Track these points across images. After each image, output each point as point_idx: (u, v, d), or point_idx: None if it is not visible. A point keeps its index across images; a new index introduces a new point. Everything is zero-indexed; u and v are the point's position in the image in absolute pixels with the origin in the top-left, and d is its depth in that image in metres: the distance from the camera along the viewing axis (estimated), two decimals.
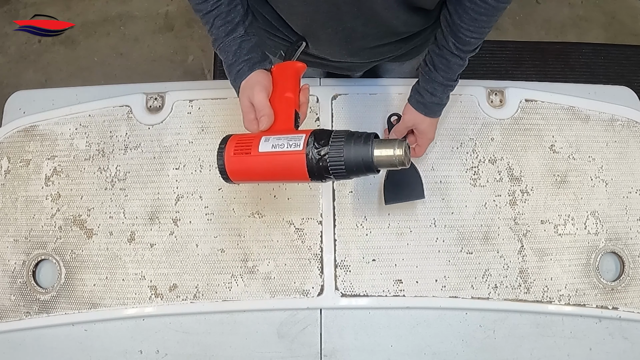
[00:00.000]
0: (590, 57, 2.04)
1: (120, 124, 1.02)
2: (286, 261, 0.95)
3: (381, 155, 0.58)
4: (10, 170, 1.01)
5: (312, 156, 0.58)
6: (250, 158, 0.61)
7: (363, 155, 0.57)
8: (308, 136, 0.58)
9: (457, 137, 1.02)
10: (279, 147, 0.59)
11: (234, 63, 0.72)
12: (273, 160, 0.60)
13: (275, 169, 0.61)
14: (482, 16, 0.73)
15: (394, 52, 0.91)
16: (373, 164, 0.58)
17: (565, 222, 0.99)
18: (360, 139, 0.58)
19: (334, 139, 0.58)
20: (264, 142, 0.60)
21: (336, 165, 0.57)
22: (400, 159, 0.58)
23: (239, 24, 0.73)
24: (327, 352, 0.92)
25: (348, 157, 0.57)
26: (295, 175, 0.60)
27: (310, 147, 0.58)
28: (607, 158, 1.02)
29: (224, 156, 0.62)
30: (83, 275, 0.95)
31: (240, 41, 0.72)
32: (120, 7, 2.15)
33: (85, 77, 2.04)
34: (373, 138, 0.58)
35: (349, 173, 0.59)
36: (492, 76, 1.08)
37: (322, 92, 1.03)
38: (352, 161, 0.57)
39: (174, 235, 0.96)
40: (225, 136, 0.65)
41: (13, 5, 2.16)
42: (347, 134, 0.58)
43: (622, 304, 0.95)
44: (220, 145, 0.64)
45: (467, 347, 0.93)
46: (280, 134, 0.62)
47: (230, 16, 0.72)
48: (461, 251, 0.96)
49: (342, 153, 0.57)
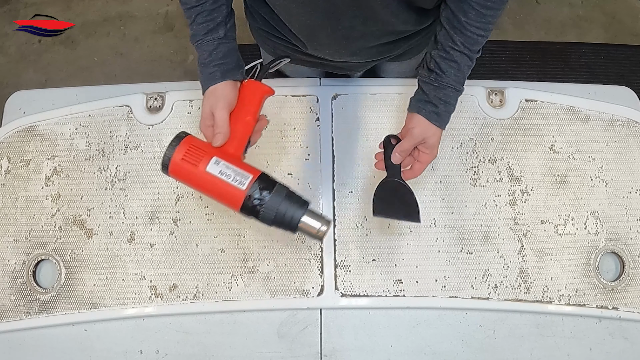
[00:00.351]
0: (590, 57, 2.04)
1: (120, 124, 1.02)
2: (286, 261, 0.95)
3: (307, 224, 0.65)
4: (10, 170, 1.01)
5: (251, 198, 0.64)
6: (196, 170, 0.64)
7: (292, 217, 0.65)
8: (254, 180, 0.65)
9: (457, 137, 1.02)
10: (225, 177, 0.64)
11: (208, 64, 0.72)
12: (215, 184, 0.64)
13: (213, 190, 0.65)
14: (489, 10, 0.71)
15: (393, 51, 0.91)
16: (296, 227, 0.65)
17: (565, 222, 0.99)
18: (296, 203, 0.65)
19: (275, 193, 0.65)
20: (213, 164, 0.64)
21: (266, 215, 0.65)
22: (321, 235, 0.66)
23: (220, 25, 0.72)
24: (327, 352, 0.92)
25: (279, 212, 0.65)
26: (227, 203, 0.66)
27: (253, 190, 0.64)
28: (607, 158, 1.02)
29: (172, 155, 0.65)
30: (83, 275, 0.95)
31: (217, 43, 0.72)
32: (120, 7, 2.15)
33: (85, 77, 2.04)
34: (307, 208, 0.66)
35: (272, 223, 0.66)
36: (492, 76, 1.07)
37: (322, 92, 1.03)
38: (281, 217, 0.65)
39: (174, 235, 0.96)
40: (182, 133, 0.67)
41: (13, 5, 2.16)
42: (287, 192, 0.66)
43: (622, 304, 0.95)
44: (173, 142, 0.66)
45: (467, 347, 0.93)
46: (230, 158, 0.66)
47: (212, 15, 0.72)
48: (461, 251, 0.96)
49: (277, 208, 0.64)
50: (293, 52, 0.94)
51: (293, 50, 0.94)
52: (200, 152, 0.65)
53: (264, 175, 0.67)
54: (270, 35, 0.93)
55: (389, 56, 0.93)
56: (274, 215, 0.65)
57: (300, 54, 0.94)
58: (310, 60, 0.97)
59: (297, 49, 0.92)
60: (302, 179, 0.99)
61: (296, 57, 0.97)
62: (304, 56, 0.95)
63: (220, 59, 0.72)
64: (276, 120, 1.02)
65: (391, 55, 0.93)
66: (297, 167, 0.99)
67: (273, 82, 1.06)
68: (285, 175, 0.99)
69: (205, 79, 0.72)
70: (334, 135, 1.01)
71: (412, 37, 0.88)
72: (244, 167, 0.66)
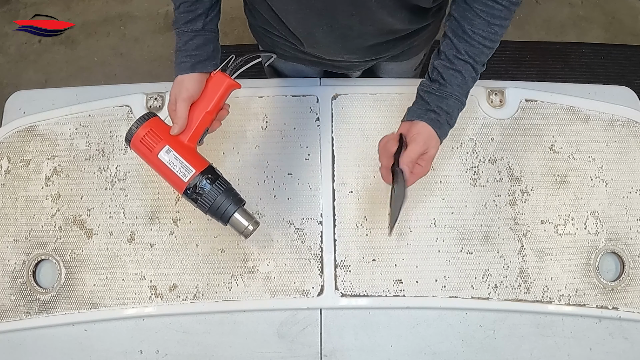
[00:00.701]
0: (590, 57, 2.04)
1: (120, 124, 1.02)
2: (286, 261, 0.95)
3: (237, 220, 0.76)
4: (10, 170, 1.01)
5: (191, 189, 0.73)
6: (149, 154, 0.73)
7: (226, 210, 0.74)
8: (196, 174, 0.73)
9: (457, 137, 1.02)
10: (172, 166, 0.73)
11: (181, 52, 0.75)
12: (163, 170, 0.74)
13: (161, 173, 0.75)
14: (496, 19, 0.69)
15: (391, 50, 0.91)
16: (227, 220, 0.75)
17: (565, 222, 0.99)
18: (232, 199, 0.75)
19: (214, 188, 0.74)
20: (164, 153, 0.73)
21: (203, 205, 0.74)
22: (248, 233, 0.76)
23: (200, 17, 0.74)
24: (327, 352, 0.92)
25: (214, 205, 0.74)
26: (173, 186, 0.75)
27: (194, 182, 0.73)
28: (607, 158, 1.02)
29: (135, 132, 0.73)
30: (83, 275, 0.95)
31: (194, 34, 0.74)
32: (120, 7, 2.15)
33: (85, 77, 2.04)
34: (242, 205, 0.76)
35: (208, 212, 0.75)
36: (492, 76, 1.07)
37: (322, 92, 1.03)
38: (215, 209, 0.74)
39: (174, 235, 0.96)
40: (149, 113, 0.75)
41: (13, 5, 2.16)
42: (225, 188, 0.74)
43: (622, 304, 0.95)
44: (139, 120, 0.73)
45: (467, 347, 0.93)
46: (182, 148, 0.74)
47: (195, 6, 0.73)
48: (461, 251, 0.96)
49: (212, 200, 0.73)
50: (291, 50, 0.94)
51: (291, 49, 0.94)
52: (156, 138, 0.73)
53: (208, 169, 0.74)
54: (268, 33, 0.93)
55: (386, 55, 0.93)
56: (209, 207, 0.74)
57: (298, 52, 0.94)
58: (308, 58, 0.97)
59: (295, 47, 0.92)
60: (302, 179, 0.99)
61: (294, 56, 0.97)
62: (302, 54, 0.95)
63: (193, 50, 0.74)
64: (276, 120, 1.02)
65: (389, 55, 0.93)
66: (297, 167, 0.99)
67: (273, 82, 1.06)
68: (286, 175, 0.99)
69: (177, 67, 0.75)
70: (334, 135, 1.01)
71: (410, 37, 0.88)
72: (191, 160, 0.73)
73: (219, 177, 0.76)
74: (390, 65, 1.09)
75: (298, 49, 0.92)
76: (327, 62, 0.96)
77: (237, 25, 2.04)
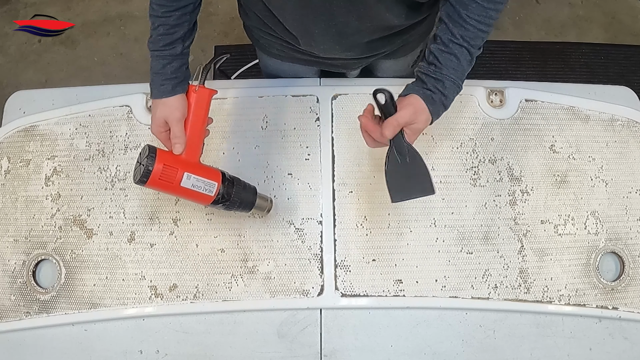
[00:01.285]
0: (590, 57, 2.04)
1: (120, 124, 1.02)
2: (286, 261, 0.95)
3: (259, 204, 0.87)
4: (10, 170, 1.01)
5: (218, 199, 0.80)
6: (173, 187, 0.76)
7: (249, 201, 0.85)
8: (219, 185, 0.80)
9: (457, 137, 1.02)
10: (197, 188, 0.78)
11: (159, 75, 0.77)
12: (189, 194, 0.78)
13: (188, 196, 0.79)
14: (491, 3, 0.70)
15: (388, 47, 0.91)
16: (250, 209, 0.86)
17: (565, 222, 0.99)
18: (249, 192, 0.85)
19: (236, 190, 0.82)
20: (186, 179, 0.76)
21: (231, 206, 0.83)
22: (270, 208, 0.91)
23: (178, 41, 0.76)
24: (327, 352, 0.92)
25: (241, 202, 0.84)
26: (199, 202, 0.81)
27: (220, 193, 0.80)
28: (607, 158, 1.02)
29: (151, 172, 0.73)
30: (83, 275, 0.95)
31: (172, 58, 0.76)
32: (120, 7, 2.15)
33: (85, 77, 2.03)
34: (256, 192, 0.87)
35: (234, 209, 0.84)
36: (492, 76, 1.07)
37: (322, 92, 1.03)
38: (241, 205, 0.84)
39: (174, 235, 0.96)
40: (150, 148, 0.75)
41: (13, 5, 2.15)
42: (243, 185, 0.84)
43: (622, 304, 0.95)
44: (149, 158, 0.73)
45: (467, 347, 0.93)
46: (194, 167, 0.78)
47: (173, 29, 0.75)
48: (461, 251, 0.96)
49: (238, 200, 0.83)
50: (287, 50, 0.94)
51: (287, 48, 0.94)
52: (172, 171, 0.75)
53: (224, 177, 0.81)
54: (264, 33, 0.93)
55: (383, 52, 0.93)
56: (237, 205, 0.84)
57: (294, 52, 0.94)
58: (304, 58, 0.96)
59: (292, 47, 0.92)
60: (302, 179, 0.99)
61: (291, 56, 0.97)
62: (299, 54, 0.95)
63: (171, 73, 0.76)
64: (276, 120, 1.02)
65: (385, 52, 0.93)
66: (297, 167, 0.99)
67: (273, 82, 1.06)
68: (286, 175, 0.99)
69: (156, 89, 0.77)
70: (334, 135, 1.01)
71: (406, 32, 0.88)
72: (208, 175, 0.79)
73: (232, 179, 0.83)
74: (387, 63, 1.08)
75: (295, 48, 0.92)
76: (324, 61, 0.96)
77: (237, 25, 2.04)
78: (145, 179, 0.74)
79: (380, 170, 0.99)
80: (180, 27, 0.76)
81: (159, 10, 0.74)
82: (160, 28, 0.75)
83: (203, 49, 2.08)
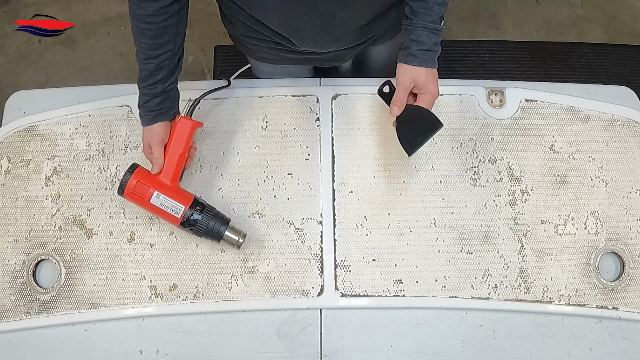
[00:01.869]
0: (590, 57, 2.04)
1: (120, 124, 1.02)
2: (286, 261, 0.95)
3: (228, 237, 0.89)
4: (10, 170, 1.01)
5: (185, 221, 0.87)
6: (144, 202, 0.86)
7: (218, 231, 0.88)
8: (186, 209, 0.86)
9: (457, 137, 1.02)
10: (164, 208, 0.86)
11: (143, 108, 0.86)
12: (157, 211, 0.87)
13: (157, 214, 0.88)
14: None
15: (375, 31, 0.90)
16: (220, 239, 0.89)
17: (565, 222, 0.99)
18: (220, 221, 0.88)
19: (204, 216, 0.87)
20: (155, 197, 0.86)
21: (198, 231, 0.88)
22: (240, 245, 0.90)
23: (159, 83, 0.83)
24: (327, 352, 0.92)
25: (207, 229, 0.88)
26: (169, 222, 0.89)
27: (186, 216, 0.86)
28: (607, 158, 1.02)
29: (126, 184, 0.85)
30: (83, 275, 0.95)
31: (153, 96, 0.84)
32: (120, 7, 2.15)
33: (85, 77, 2.03)
34: (228, 224, 0.89)
35: (202, 235, 0.89)
36: (492, 76, 1.08)
37: (322, 92, 1.03)
38: (209, 232, 0.88)
39: (174, 235, 0.96)
40: (133, 165, 0.87)
41: (13, 5, 2.15)
42: (213, 214, 0.88)
43: (622, 304, 0.95)
44: (126, 175, 0.86)
45: (467, 347, 0.93)
46: (167, 189, 0.87)
47: (154, 73, 0.82)
48: (461, 251, 0.96)
49: (205, 226, 0.87)
50: (278, 52, 0.94)
51: (277, 50, 0.93)
52: (144, 187, 0.85)
53: (194, 202, 0.88)
54: (251, 39, 0.92)
55: (372, 37, 0.92)
56: (204, 232, 0.88)
57: (285, 53, 0.94)
58: (296, 57, 0.96)
59: (282, 48, 0.91)
60: (302, 179, 0.99)
61: (282, 57, 0.97)
62: (290, 54, 0.94)
63: (154, 107, 0.85)
64: (276, 120, 1.02)
65: (374, 36, 0.92)
66: (297, 167, 0.99)
67: (273, 82, 1.06)
68: (285, 175, 0.99)
69: (141, 118, 0.86)
70: (334, 135, 1.01)
71: (390, 11, 0.88)
72: (178, 198, 0.87)
73: (205, 205, 0.89)
74: (377, 50, 1.07)
75: (285, 49, 0.91)
76: (316, 57, 0.95)
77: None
78: (121, 191, 0.86)
79: (381, 170, 1.00)
80: (160, 71, 0.82)
81: (140, 56, 0.81)
82: (143, 71, 0.82)
83: (203, 49, 2.08)
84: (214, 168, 0.99)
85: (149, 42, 0.79)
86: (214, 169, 0.99)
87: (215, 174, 0.99)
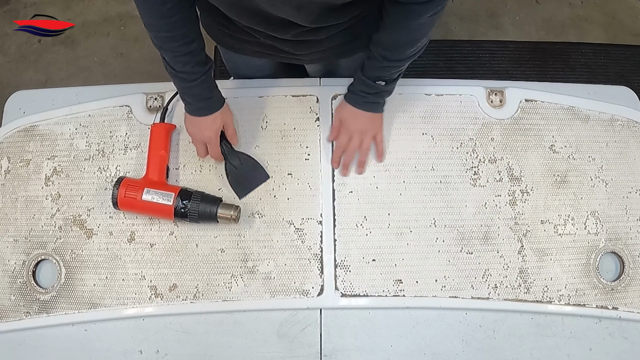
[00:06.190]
0: (590, 57, 2.04)
1: (120, 124, 1.02)
2: (286, 261, 0.95)
3: (223, 214, 0.91)
4: (10, 170, 1.01)
5: (178, 208, 0.91)
6: (136, 202, 0.91)
7: (210, 211, 0.91)
8: (176, 196, 0.91)
9: (457, 137, 1.02)
10: (156, 200, 0.91)
11: (205, 101, 0.90)
12: (151, 206, 0.91)
13: (152, 210, 0.92)
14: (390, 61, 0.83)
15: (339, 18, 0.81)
16: (215, 218, 0.91)
17: (565, 222, 0.99)
18: (210, 202, 0.91)
19: (193, 200, 0.91)
20: (146, 194, 0.91)
21: (192, 216, 0.91)
22: (235, 218, 0.91)
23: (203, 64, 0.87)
24: (327, 352, 0.92)
25: (200, 212, 0.91)
26: (164, 216, 0.93)
27: (178, 202, 0.90)
28: (607, 158, 1.02)
29: (117, 195, 0.91)
30: (83, 275, 0.95)
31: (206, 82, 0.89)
32: (120, 7, 2.15)
33: (85, 77, 2.03)
34: (219, 202, 0.92)
35: (199, 220, 0.92)
36: (492, 76, 1.08)
37: (322, 92, 1.03)
38: (202, 214, 0.91)
39: (174, 235, 0.96)
40: (119, 179, 0.92)
41: (13, 5, 2.15)
42: (201, 196, 0.92)
43: (622, 304, 0.95)
44: (115, 186, 0.91)
45: (467, 347, 0.93)
46: (156, 185, 0.92)
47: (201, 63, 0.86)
48: (461, 251, 0.96)
49: (197, 209, 0.91)
50: (240, 42, 0.92)
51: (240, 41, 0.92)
52: (134, 189, 0.91)
53: (182, 190, 0.92)
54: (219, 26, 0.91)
55: (333, 24, 0.83)
56: (198, 215, 0.91)
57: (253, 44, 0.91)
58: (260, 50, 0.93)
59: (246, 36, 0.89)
60: (302, 179, 0.99)
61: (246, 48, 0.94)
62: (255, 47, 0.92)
63: (207, 95, 0.91)
64: (276, 120, 1.02)
65: (338, 23, 0.83)
66: (297, 167, 0.99)
67: (273, 82, 1.06)
68: (285, 175, 0.99)
69: (195, 113, 0.92)
70: None
71: (351, 9, 0.80)
72: (167, 189, 0.92)
73: (192, 192, 0.92)
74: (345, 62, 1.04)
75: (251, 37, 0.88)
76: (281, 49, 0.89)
77: None
78: (115, 203, 0.91)
79: (381, 170, 1.00)
80: (199, 54, 0.85)
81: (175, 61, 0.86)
82: (184, 71, 0.86)
83: None
84: (214, 168, 0.99)
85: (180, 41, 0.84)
86: (214, 169, 0.99)
87: (216, 174, 0.99)
